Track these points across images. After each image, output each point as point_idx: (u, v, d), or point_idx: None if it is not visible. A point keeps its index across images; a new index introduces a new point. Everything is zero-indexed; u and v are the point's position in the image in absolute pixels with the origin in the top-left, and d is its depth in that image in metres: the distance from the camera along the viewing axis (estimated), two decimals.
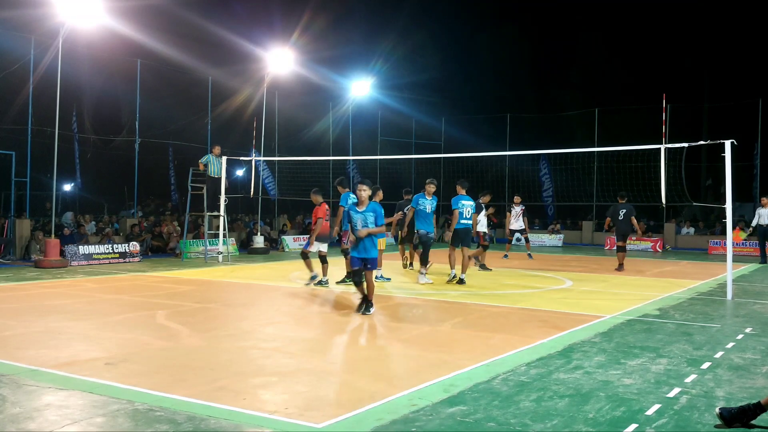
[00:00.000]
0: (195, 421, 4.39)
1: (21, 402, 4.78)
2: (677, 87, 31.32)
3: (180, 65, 23.95)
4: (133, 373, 5.63)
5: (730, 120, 28.43)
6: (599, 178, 26.32)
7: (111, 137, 25.51)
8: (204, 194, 17.15)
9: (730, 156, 10.70)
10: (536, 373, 5.78)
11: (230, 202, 18.01)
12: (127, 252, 16.69)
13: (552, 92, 37.06)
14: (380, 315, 9.28)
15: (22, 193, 18.72)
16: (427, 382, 5.38)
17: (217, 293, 11.36)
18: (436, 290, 11.54)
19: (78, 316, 8.52)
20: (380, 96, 30.45)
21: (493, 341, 7.22)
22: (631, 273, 15.36)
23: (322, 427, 4.34)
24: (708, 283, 13.30)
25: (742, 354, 6.65)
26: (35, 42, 17.68)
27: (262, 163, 23.73)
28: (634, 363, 6.19)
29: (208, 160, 17.15)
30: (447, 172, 27.22)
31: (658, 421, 4.54)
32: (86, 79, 23.72)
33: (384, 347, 6.99)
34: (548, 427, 4.39)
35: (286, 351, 6.64)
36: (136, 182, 21.25)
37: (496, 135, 30.99)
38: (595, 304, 10.20)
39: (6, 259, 15.97)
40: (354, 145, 29.03)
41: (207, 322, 8.25)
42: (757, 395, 4.87)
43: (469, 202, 12.53)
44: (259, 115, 20.91)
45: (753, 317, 9.04)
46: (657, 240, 24.55)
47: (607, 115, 29.27)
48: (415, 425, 4.38)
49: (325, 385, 5.34)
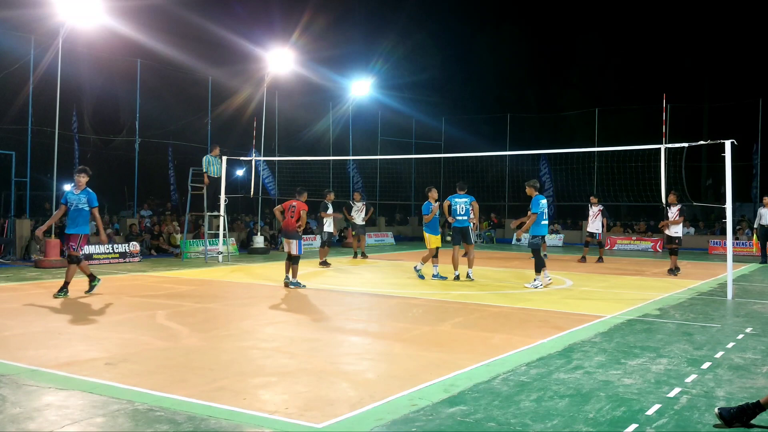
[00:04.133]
0: (195, 421, 4.38)
1: (21, 402, 4.77)
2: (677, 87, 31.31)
3: (180, 65, 23.96)
4: (133, 373, 5.62)
5: (730, 120, 28.44)
6: (599, 178, 26.31)
7: (111, 137, 25.50)
8: (204, 194, 17.15)
9: (730, 156, 10.69)
10: (536, 373, 5.77)
11: (230, 202, 18.01)
12: (127, 252, 16.69)
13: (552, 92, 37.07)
14: (380, 315, 9.28)
15: (22, 193, 18.72)
16: (427, 382, 5.38)
17: (217, 293, 11.36)
18: (436, 290, 11.54)
19: (78, 316, 8.52)
20: (380, 96, 30.47)
21: (493, 341, 7.22)
22: (631, 273, 15.37)
23: (322, 427, 4.34)
24: (708, 283, 13.30)
25: (743, 354, 6.65)
26: (35, 42, 17.68)
27: (262, 163, 23.73)
28: (635, 363, 6.18)
29: (207, 162, 17.15)
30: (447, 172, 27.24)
31: (658, 421, 4.53)
32: (86, 79, 23.71)
33: (384, 347, 6.99)
34: (548, 427, 4.38)
35: (286, 351, 6.63)
36: (136, 182, 21.25)
37: (496, 135, 31.01)
38: (595, 304, 10.20)
39: (6, 259, 15.98)
40: (354, 145, 29.04)
41: (207, 322, 8.25)
42: (758, 395, 4.87)
43: (461, 199, 12.65)
44: (259, 115, 20.91)
45: (753, 317, 9.04)
46: (657, 240, 24.55)
47: (607, 115, 29.27)
48: (415, 425, 4.38)
49: (325, 385, 5.33)
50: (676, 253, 15.04)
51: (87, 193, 10.19)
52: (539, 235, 12.07)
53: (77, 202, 10.12)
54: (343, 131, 28.88)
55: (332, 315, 9.20)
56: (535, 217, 11.85)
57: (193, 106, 25.02)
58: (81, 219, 10.18)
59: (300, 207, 11.64)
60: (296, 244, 11.56)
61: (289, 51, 21.38)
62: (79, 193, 10.13)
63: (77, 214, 10.13)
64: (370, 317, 9.05)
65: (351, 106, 28.30)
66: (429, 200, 13.01)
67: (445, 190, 18.28)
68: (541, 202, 11.88)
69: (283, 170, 25.18)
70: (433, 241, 12.92)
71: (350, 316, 9.01)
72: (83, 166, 10.50)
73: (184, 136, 24.70)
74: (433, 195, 13.05)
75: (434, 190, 13.12)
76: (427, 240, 13.03)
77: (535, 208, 11.88)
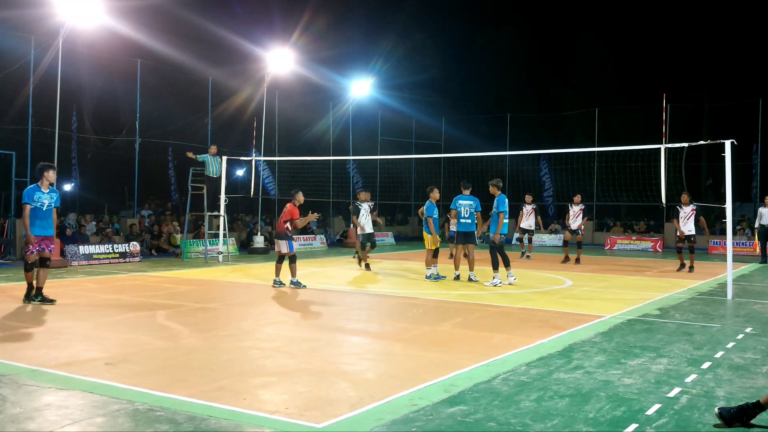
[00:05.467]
0: (195, 421, 4.38)
1: (21, 402, 4.77)
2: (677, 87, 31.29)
3: (180, 65, 23.96)
4: (133, 373, 5.62)
5: (730, 120, 28.42)
6: (599, 178, 26.32)
7: (111, 137, 25.51)
8: (204, 194, 17.16)
9: (730, 156, 10.69)
10: (536, 372, 5.77)
11: (230, 202, 18.01)
12: (127, 252, 16.69)
13: (552, 92, 37.04)
14: (380, 315, 9.29)
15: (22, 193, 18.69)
16: (428, 382, 5.38)
17: (217, 293, 11.37)
18: (436, 290, 11.54)
19: (78, 316, 8.52)
20: (380, 96, 30.46)
21: (493, 341, 7.22)
22: (631, 273, 15.37)
23: (322, 427, 4.34)
24: (708, 283, 13.30)
25: (743, 354, 6.65)
26: (35, 42, 17.67)
27: (262, 163, 23.73)
28: (635, 363, 6.19)
29: (204, 159, 17.13)
30: (447, 172, 27.23)
31: (658, 420, 4.53)
32: (86, 79, 23.72)
33: (384, 347, 6.99)
34: (548, 427, 4.38)
35: (286, 351, 6.63)
36: (137, 182, 21.25)
37: (496, 135, 30.99)
38: (595, 304, 10.20)
39: (6, 259, 15.97)
40: (354, 145, 29.03)
41: (207, 322, 8.25)
42: (758, 395, 4.87)
43: (466, 201, 12.62)
44: (259, 115, 20.91)
45: (753, 317, 9.04)
46: (657, 240, 24.56)
47: (607, 115, 29.27)
48: (415, 425, 4.38)
49: (325, 385, 5.34)
50: (693, 251, 15.43)
51: (56, 191, 9.59)
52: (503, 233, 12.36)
53: (50, 201, 9.40)
54: (343, 131, 28.88)
55: (332, 315, 9.20)
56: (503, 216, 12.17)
57: (193, 106, 25.02)
58: (51, 219, 9.48)
59: (290, 208, 11.73)
60: (286, 244, 11.59)
61: (289, 51, 21.38)
62: (50, 191, 9.46)
63: (49, 214, 9.41)
64: (370, 317, 9.05)
65: (351, 106, 28.29)
66: (430, 200, 13.00)
67: (446, 190, 18.28)
68: (506, 201, 12.21)
69: (283, 170, 25.18)
70: (432, 242, 12.93)
71: (350, 316, 9.01)
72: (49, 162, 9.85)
73: (185, 136, 24.69)
74: (435, 195, 13.01)
75: (436, 190, 13.09)
76: (426, 240, 13.05)
77: (502, 206, 12.14)
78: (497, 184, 12.45)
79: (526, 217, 18.94)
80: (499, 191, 12.34)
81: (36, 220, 9.29)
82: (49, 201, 9.37)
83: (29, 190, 9.37)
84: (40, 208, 9.32)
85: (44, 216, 9.36)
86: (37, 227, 9.28)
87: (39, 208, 9.30)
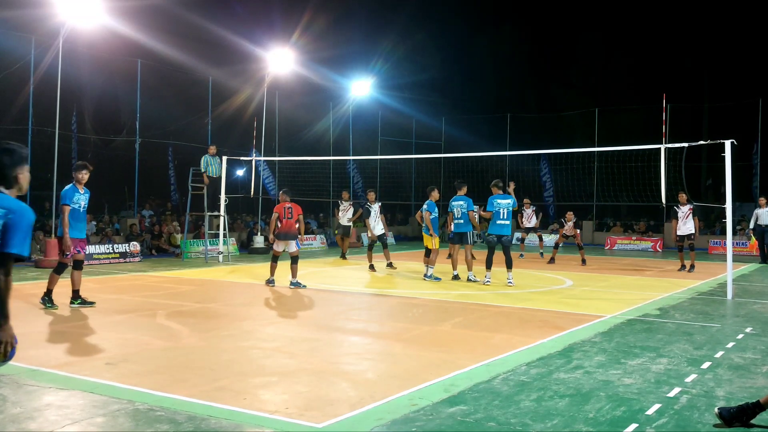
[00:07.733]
0: (195, 421, 4.39)
1: (21, 402, 4.78)
2: (677, 87, 31.26)
3: (180, 65, 23.96)
4: (133, 373, 5.63)
5: (730, 120, 28.41)
6: (599, 178, 26.30)
7: (111, 137, 25.51)
8: (204, 194, 17.16)
9: (730, 156, 10.69)
10: (536, 372, 5.78)
11: (230, 202, 18.01)
12: (127, 252, 16.69)
13: (552, 92, 37.01)
14: (380, 315, 9.29)
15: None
16: (428, 382, 5.38)
17: (217, 293, 11.37)
18: (436, 290, 11.54)
19: (78, 316, 8.52)
20: (380, 96, 30.47)
21: (493, 341, 7.22)
22: (631, 273, 15.37)
23: (322, 427, 4.34)
24: (708, 282, 13.30)
25: (743, 354, 6.65)
26: (35, 42, 17.68)
27: (263, 163, 23.73)
28: (635, 363, 6.19)
29: (206, 162, 17.14)
30: (447, 172, 27.22)
31: (658, 420, 4.54)
32: (86, 79, 23.72)
33: (384, 347, 7.00)
34: (548, 426, 4.39)
35: (286, 351, 6.64)
36: (137, 182, 21.25)
37: (496, 135, 30.98)
38: (595, 304, 10.21)
39: None
40: (354, 145, 29.04)
41: (207, 322, 8.25)
42: (758, 395, 4.87)
43: (457, 202, 12.74)
44: (259, 115, 20.91)
45: (753, 317, 9.04)
46: (657, 240, 24.55)
47: (607, 115, 29.26)
48: (415, 425, 4.38)
49: (325, 385, 5.34)
50: (693, 249, 15.48)
51: (88, 192, 9.26)
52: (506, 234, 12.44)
53: (85, 202, 9.10)
54: (343, 131, 28.88)
55: (332, 315, 9.20)
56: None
57: (193, 106, 25.01)
58: (86, 221, 9.37)
59: (297, 209, 11.85)
60: (295, 244, 11.69)
61: (289, 51, 21.40)
62: (85, 192, 9.14)
63: (84, 216, 9.17)
64: (370, 317, 9.06)
65: (351, 106, 28.30)
66: (430, 199, 13.03)
67: (446, 191, 18.30)
68: (494, 202, 12.28)
69: (283, 170, 25.17)
70: (431, 241, 12.94)
71: (350, 316, 9.01)
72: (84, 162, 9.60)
73: (185, 136, 24.71)
74: (434, 195, 13.07)
75: (435, 191, 13.16)
76: (426, 241, 13.09)
77: (488, 207, 12.38)
78: (497, 184, 12.59)
79: (527, 219, 19.61)
80: (499, 190, 12.42)
81: (72, 221, 8.90)
82: (84, 202, 9.07)
83: (68, 191, 8.96)
84: (77, 210, 8.96)
85: (80, 218, 9.06)
86: (75, 230, 8.93)
87: (76, 209, 8.94)
